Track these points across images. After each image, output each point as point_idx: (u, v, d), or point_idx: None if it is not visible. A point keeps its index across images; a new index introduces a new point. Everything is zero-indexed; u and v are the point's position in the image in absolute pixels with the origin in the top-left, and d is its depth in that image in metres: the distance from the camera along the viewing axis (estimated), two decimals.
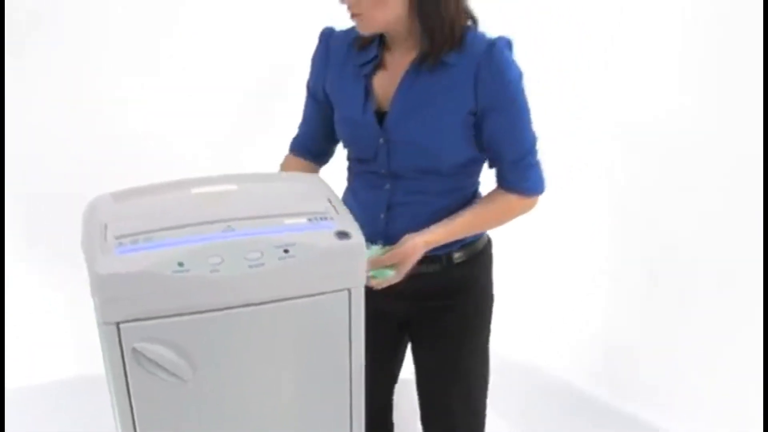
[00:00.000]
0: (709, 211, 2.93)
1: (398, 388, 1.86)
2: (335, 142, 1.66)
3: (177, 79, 2.71)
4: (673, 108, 2.90)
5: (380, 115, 1.48)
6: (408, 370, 1.79)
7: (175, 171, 1.53)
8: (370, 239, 1.41)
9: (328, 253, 1.17)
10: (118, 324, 1.13)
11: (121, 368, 1.15)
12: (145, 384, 1.17)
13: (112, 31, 2.70)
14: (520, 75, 1.45)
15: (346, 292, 1.21)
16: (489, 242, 1.67)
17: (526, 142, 1.50)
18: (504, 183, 1.53)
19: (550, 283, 3.09)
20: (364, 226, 1.27)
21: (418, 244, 1.44)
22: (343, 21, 1.50)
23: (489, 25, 1.53)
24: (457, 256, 1.58)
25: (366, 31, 1.44)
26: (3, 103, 2.59)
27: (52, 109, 2.70)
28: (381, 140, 1.48)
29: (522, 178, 1.51)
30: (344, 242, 1.18)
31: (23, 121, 2.69)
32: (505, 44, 1.45)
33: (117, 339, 1.13)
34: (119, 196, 1.33)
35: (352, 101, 1.51)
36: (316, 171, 1.67)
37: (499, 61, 1.42)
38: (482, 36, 1.46)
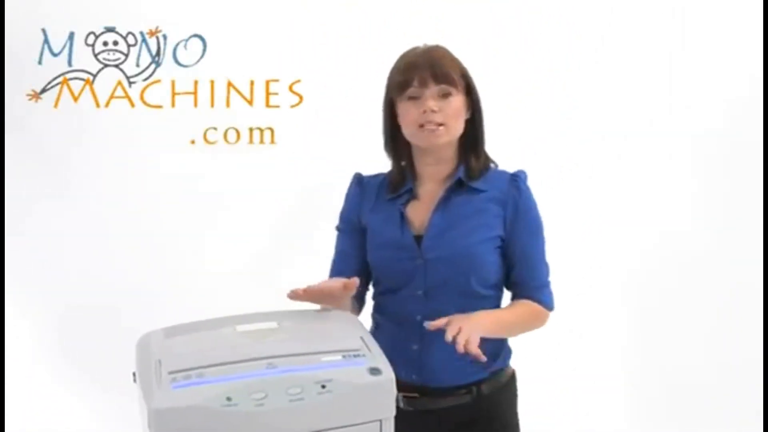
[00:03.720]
0: (703, 209, 2.95)
1: None
2: (368, 283, 1.77)
3: None
4: (665, 106, 2.94)
5: (415, 239, 1.65)
6: None
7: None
8: (405, 373, 1.52)
9: (361, 389, 1.29)
10: None
11: None
12: None
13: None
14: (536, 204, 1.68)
15: (377, 423, 1.31)
16: (513, 376, 1.77)
17: (545, 267, 1.70)
18: (527, 297, 1.69)
19: None
20: (395, 362, 1.34)
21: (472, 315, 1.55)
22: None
23: (481, 26, 1.65)
24: (485, 387, 1.69)
25: (443, 140, 1.63)
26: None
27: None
28: (419, 260, 1.64)
29: (544, 295, 1.69)
30: (376, 378, 1.30)
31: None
32: (526, 177, 1.67)
33: None
34: (170, 332, 1.48)
35: (389, 227, 1.68)
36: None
37: (526, 193, 1.65)
38: (501, 169, 1.70)
